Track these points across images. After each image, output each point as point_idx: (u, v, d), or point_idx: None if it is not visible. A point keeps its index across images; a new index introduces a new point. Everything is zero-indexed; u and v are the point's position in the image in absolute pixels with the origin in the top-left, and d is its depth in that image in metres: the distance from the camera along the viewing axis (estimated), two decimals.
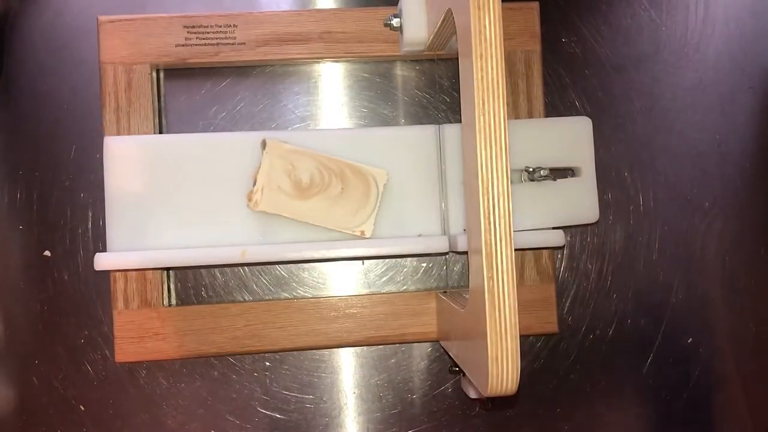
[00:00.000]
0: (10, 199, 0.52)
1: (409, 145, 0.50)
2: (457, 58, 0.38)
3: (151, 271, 0.50)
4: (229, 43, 0.51)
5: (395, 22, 0.50)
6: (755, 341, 0.56)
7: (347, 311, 0.51)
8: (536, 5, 0.53)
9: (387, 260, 0.54)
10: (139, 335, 0.50)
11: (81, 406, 0.52)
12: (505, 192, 0.35)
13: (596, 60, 0.56)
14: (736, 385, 0.56)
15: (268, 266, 0.53)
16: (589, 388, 0.55)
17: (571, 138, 0.51)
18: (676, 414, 0.55)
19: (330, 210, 0.48)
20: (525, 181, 0.50)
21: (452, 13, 0.40)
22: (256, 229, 0.49)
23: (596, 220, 0.52)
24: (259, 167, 0.48)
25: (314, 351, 0.53)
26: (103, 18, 0.50)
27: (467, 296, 0.42)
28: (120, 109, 0.50)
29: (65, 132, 0.53)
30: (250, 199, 0.47)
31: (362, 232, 0.48)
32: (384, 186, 0.49)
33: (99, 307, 0.52)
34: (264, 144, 0.48)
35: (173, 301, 0.52)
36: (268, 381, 0.53)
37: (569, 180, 0.51)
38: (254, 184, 0.48)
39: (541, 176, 0.50)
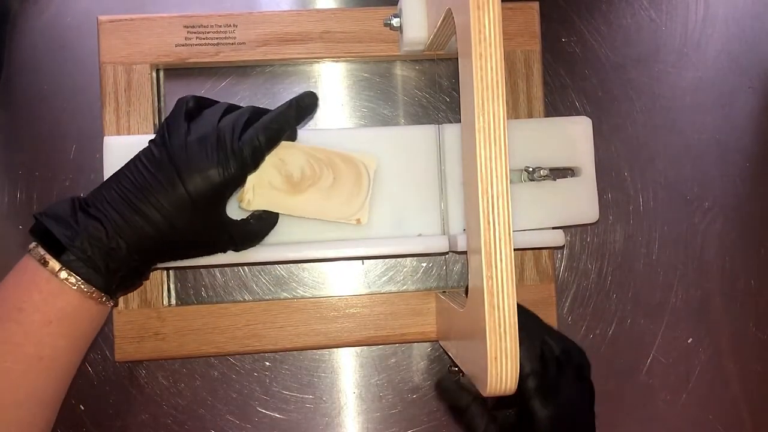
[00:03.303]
0: (10, 199, 0.52)
1: (409, 145, 0.50)
2: (457, 58, 0.38)
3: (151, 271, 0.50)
4: (229, 43, 0.51)
5: (395, 22, 0.50)
6: (755, 341, 0.56)
7: (347, 311, 0.51)
8: (536, 5, 0.53)
9: (387, 260, 0.54)
10: (139, 335, 0.50)
11: (81, 406, 0.52)
12: (505, 192, 0.35)
13: (596, 60, 0.56)
14: (736, 385, 0.56)
15: (268, 266, 0.53)
16: None
17: (571, 138, 0.51)
18: (676, 414, 0.55)
19: (324, 201, 0.48)
20: (525, 181, 0.50)
21: (452, 13, 0.40)
22: None
23: (596, 220, 0.52)
24: None
25: (314, 351, 0.53)
26: (103, 18, 0.50)
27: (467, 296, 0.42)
28: (120, 109, 0.50)
29: (65, 132, 0.53)
30: (241, 200, 0.47)
31: (358, 220, 0.48)
32: (374, 172, 0.49)
33: None
34: None
35: (173, 301, 0.52)
36: (268, 381, 0.53)
37: (569, 180, 0.51)
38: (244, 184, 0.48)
39: (541, 176, 0.49)
